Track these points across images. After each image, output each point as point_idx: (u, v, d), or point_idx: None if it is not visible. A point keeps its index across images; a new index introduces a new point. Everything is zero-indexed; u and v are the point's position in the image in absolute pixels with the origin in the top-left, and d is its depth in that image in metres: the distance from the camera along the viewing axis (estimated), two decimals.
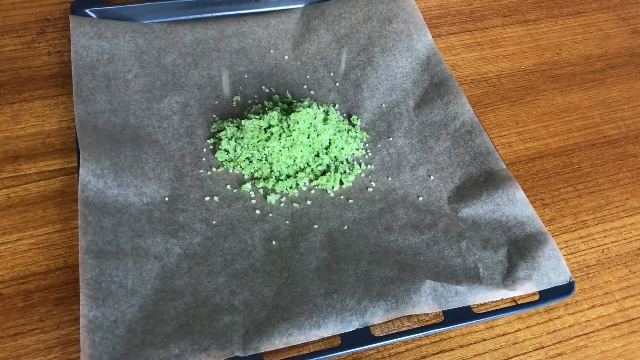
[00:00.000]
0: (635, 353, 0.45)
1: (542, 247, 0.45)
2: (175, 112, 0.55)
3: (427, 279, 0.43)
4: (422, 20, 0.62)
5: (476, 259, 0.46)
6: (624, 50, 0.68)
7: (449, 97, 0.55)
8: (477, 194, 0.49)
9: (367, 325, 0.41)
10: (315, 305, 0.42)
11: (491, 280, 0.44)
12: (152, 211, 0.47)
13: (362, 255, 0.46)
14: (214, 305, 0.42)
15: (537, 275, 0.44)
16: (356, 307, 0.42)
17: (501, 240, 0.47)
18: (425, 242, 0.47)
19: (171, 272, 0.44)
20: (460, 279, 0.44)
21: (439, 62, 0.58)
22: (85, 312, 0.40)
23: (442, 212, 0.49)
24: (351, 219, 0.49)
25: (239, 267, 0.45)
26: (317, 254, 0.46)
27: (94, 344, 0.39)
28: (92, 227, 0.44)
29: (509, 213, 0.48)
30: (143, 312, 0.41)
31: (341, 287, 0.43)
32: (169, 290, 0.43)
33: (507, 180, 0.49)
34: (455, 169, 0.52)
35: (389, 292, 0.43)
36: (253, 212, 0.49)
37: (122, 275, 0.43)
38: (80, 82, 0.54)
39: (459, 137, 0.53)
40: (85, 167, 0.46)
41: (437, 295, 0.43)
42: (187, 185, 0.50)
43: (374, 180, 0.52)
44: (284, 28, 0.63)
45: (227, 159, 0.52)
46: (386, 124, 0.56)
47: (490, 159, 0.51)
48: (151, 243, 0.45)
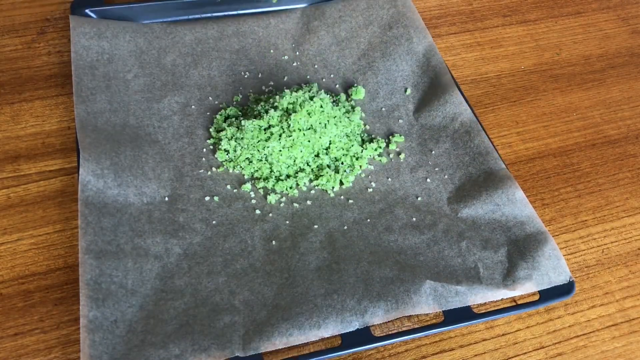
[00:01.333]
0: (635, 353, 0.45)
1: (542, 247, 0.45)
2: (175, 112, 0.55)
3: (427, 279, 0.43)
4: (422, 24, 0.62)
5: (476, 259, 0.46)
6: (624, 50, 0.68)
7: (446, 97, 0.55)
8: (477, 194, 0.49)
9: (367, 325, 0.41)
10: (315, 305, 0.42)
11: (491, 280, 0.44)
12: (152, 211, 0.47)
13: (362, 256, 0.46)
14: (214, 305, 0.42)
15: (537, 274, 0.44)
16: (356, 307, 0.42)
17: (501, 240, 0.47)
18: (425, 242, 0.47)
19: (171, 272, 0.44)
20: (460, 279, 0.44)
21: (438, 64, 0.58)
22: (85, 312, 0.40)
23: (442, 213, 0.49)
24: (351, 219, 0.49)
25: (239, 267, 0.45)
26: (317, 254, 0.46)
27: (94, 344, 0.39)
28: (92, 227, 0.44)
29: (509, 213, 0.48)
30: (143, 312, 0.41)
31: (341, 288, 0.43)
32: (169, 290, 0.43)
33: (506, 180, 0.49)
34: (455, 170, 0.52)
35: (389, 292, 0.43)
36: (253, 212, 0.49)
37: (122, 275, 0.43)
38: (81, 82, 0.54)
39: (458, 138, 0.53)
40: (85, 167, 0.46)
41: (437, 295, 0.43)
42: (187, 185, 0.50)
43: (374, 180, 0.52)
44: (284, 28, 0.63)
45: (227, 159, 0.52)
46: (386, 127, 0.56)
47: (489, 159, 0.51)
48: (151, 243, 0.45)
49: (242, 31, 0.62)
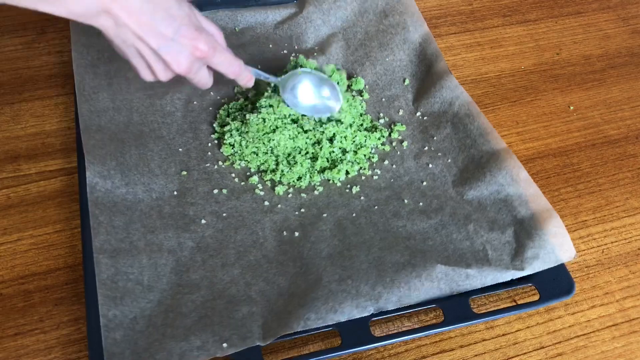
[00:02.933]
0: (635, 353, 0.45)
1: (548, 225, 0.45)
2: (178, 109, 0.55)
3: (437, 263, 0.44)
4: (416, 10, 0.62)
5: (484, 240, 0.46)
6: (624, 50, 0.68)
7: (442, 83, 0.56)
8: (481, 175, 0.50)
9: (381, 310, 0.42)
10: (330, 290, 0.42)
11: (500, 261, 0.44)
12: (162, 206, 0.48)
13: (372, 242, 0.46)
14: (230, 297, 0.43)
15: (544, 253, 0.44)
16: (370, 292, 0.42)
17: (507, 220, 0.47)
18: (434, 226, 0.48)
19: (186, 265, 0.45)
20: (469, 262, 0.44)
21: (434, 52, 0.59)
22: (105, 312, 0.40)
23: (448, 196, 0.50)
24: (359, 206, 0.49)
25: (252, 259, 0.45)
26: (328, 242, 0.46)
27: (116, 342, 0.39)
28: (104, 227, 0.44)
29: (514, 192, 0.48)
30: (161, 307, 0.42)
31: (355, 273, 0.44)
32: (185, 284, 0.43)
33: (508, 160, 0.49)
34: (458, 154, 0.52)
35: (401, 278, 0.43)
36: (262, 204, 0.49)
37: (138, 272, 0.43)
38: (83, 80, 0.54)
39: (458, 121, 0.54)
40: (92, 170, 0.47)
41: (449, 279, 0.43)
42: (195, 179, 0.50)
43: (379, 168, 0.52)
44: (281, 22, 0.63)
45: (232, 153, 0.52)
46: (387, 117, 0.57)
47: (490, 139, 0.51)
48: (164, 238, 0.46)
49: (241, 27, 0.62)
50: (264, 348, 0.41)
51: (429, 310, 0.45)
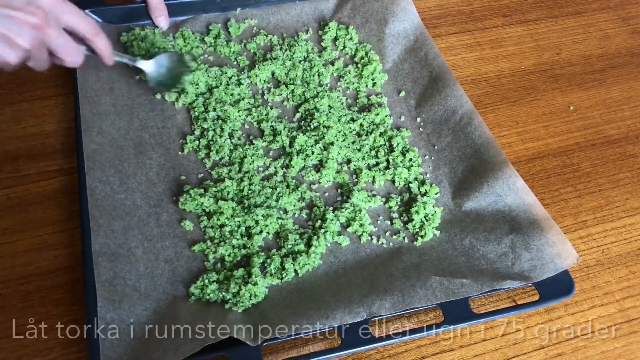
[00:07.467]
0: (635, 353, 0.45)
1: (546, 234, 0.45)
2: (178, 111, 0.55)
3: (432, 274, 0.44)
4: (415, 12, 0.61)
5: (480, 255, 0.46)
6: (624, 50, 0.68)
7: (447, 91, 0.55)
8: (478, 186, 0.49)
9: (374, 316, 0.42)
10: (323, 301, 0.42)
11: (495, 274, 0.44)
12: (159, 213, 0.48)
13: (368, 260, 0.47)
14: (226, 310, 0.43)
15: (541, 264, 0.44)
16: (363, 300, 0.42)
17: (504, 230, 0.47)
18: (429, 243, 0.48)
19: (181, 275, 0.45)
20: (465, 274, 0.44)
21: (436, 56, 0.58)
22: (103, 314, 0.40)
23: (447, 209, 0.50)
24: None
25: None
26: (324, 259, 0.47)
27: (113, 345, 0.39)
28: (104, 230, 0.45)
29: (511, 202, 0.48)
30: (157, 316, 0.42)
31: (349, 287, 0.44)
32: (181, 294, 0.44)
33: (505, 169, 0.49)
34: (458, 164, 0.52)
35: (395, 287, 0.43)
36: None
37: (135, 279, 0.43)
38: (86, 82, 0.54)
39: (459, 130, 0.53)
40: (91, 175, 0.47)
41: (444, 288, 0.43)
42: (193, 182, 0.50)
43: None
44: (282, 25, 0.63)
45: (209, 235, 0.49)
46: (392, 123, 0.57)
47: (490, 149, 0.51)
48: (160, 247, 0.46)
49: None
50: (264, 348, 0.41)
51: (429, 310, 0.45)
